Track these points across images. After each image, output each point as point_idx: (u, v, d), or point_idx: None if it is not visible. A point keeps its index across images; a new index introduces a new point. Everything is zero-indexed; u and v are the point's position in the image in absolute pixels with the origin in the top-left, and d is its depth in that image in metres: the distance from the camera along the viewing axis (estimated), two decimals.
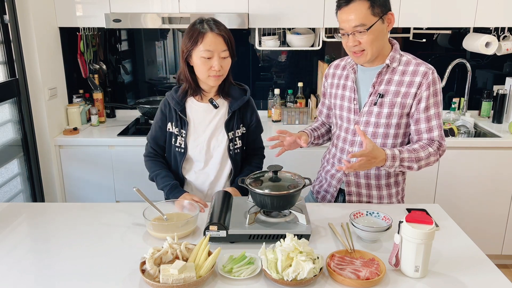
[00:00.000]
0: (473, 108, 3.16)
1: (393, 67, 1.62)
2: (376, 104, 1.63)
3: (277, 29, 2.93)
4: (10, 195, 2.48)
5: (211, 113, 1.75)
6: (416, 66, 1.60)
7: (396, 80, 1.61)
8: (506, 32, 2.85)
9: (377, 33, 1.54)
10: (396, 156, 1.53)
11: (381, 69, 1.62)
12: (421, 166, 1.58)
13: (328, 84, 1.81)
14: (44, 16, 2.60)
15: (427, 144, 1.60)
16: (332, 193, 1.81)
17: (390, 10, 1.57)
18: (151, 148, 1.82)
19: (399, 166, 1.55)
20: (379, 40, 1.56)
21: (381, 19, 1.53)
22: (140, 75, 3.19)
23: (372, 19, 1.51)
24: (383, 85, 1.63)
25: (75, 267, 1.30)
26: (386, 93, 1.62)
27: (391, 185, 1.73)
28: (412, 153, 1.56)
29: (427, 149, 1.58)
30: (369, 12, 1.51)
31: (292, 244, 1.23)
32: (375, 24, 1.52)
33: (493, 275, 1.26)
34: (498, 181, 2.68)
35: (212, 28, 1.60)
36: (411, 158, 1.55)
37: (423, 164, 1.58)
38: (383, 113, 1.63)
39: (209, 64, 1.61)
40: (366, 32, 1.52)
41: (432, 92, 1.58)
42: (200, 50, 1.60)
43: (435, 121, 1.60)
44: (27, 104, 2.53)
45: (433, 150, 1.59)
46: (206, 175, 1.79)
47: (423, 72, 1.58)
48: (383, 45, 1.60)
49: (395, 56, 1.62)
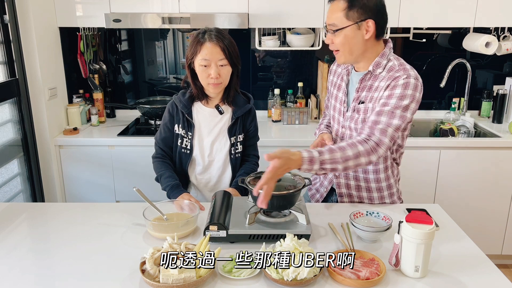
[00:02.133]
0: (473, 108, 3.16)
1: (376, 74, 1.57)
2: (355, 110, 1.62)
3: (277, 29, 2.93)
4: (10, 195, 2.48)
5: (216, 118, 1.81)
6: (396, 72, 1.52)
7: (377, 87, 1.56)
8: (506, 32, 2.85)
9: (348, 38, 1.50)
10: (314, 159, 1.38)
11: (363, 75, 1.60)
12: (348, 166, 1.43)
13: (329, 81, 1.82)
14: (44, 16, 2.60)
15: (359, 142, 1.45)
16: (322, 193, 1.81)
17: (374, 19, 1.48)
18: (160, 149, 1.85)
19: (320, 169, 1.40)
20: (352, 45, 1.52)
21: (356, 25, 1.48)
22: (140, 75, 3.19)
23: (344, 22, 1.48)
24: (365, 92, 1.60)
25: (75, 267, 1.30)
26: (366, 99, 1.59)
27: (382, 188, 1.70)
28: (336, 152, 1.41)
29: (356, 147, 1.43)
30: (343, 14, 1.48)
31: (292, 244, 1.23)
32: (346, 28, 1.49)
33: (493, 275, 1.26)
34: (498, 181, 2.68)
35: (211, 39, 1.67)
36: (334, 159, 1.41)
37: (351, 164, 1.43)
38: (360, 119, 1.61)
39: (207, 72, 1.69)
40: (335, 33, 1.51)
41: (398, 93, 1.48)
42: (199, 58, 1.68)
43: (385, 118, 1.47)
44: (27, 104, 2.53)
45: (364, 149, 1.44)
46: (209, 177, 1.85)
47: (396, 76, 1.51)
48: (362, 51, 1.54)
49: (380, 62, 1.56)
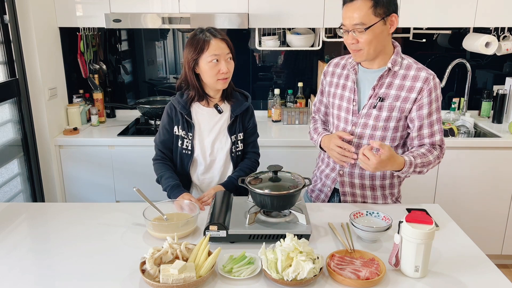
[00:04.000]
0: (473, 108, 3.16)
1: (394, 70, 1.61)
2: (375, 107, 1.63)
3: (277, 29, 2.93)
4: (10, 195, 2.48)
5: (215, 118, 1.81)
6: (417, 71, 1.60)
7: (396, 84, 1.61)
8: (506, 32, 2.85)
9: (376, 34, 1.53)
10: (412, 163, 1.55)
11: (382, 72, 1.62)
12: (428, 169, 1.61)
13: (327, 82, 1.80)
14: (44, 16, 2.60)
15: (432, 148, 1.62)
16: (326, 192, 1.81)
17: (395, 12, 1.55)
18: (160, 151, 1.85)
19: (412, 172, 1.57)
20: (378, 41, 1.55)
21: (383, 20, 1.52)
22: (140, 75, 3.19)
23: (373, 19, 1.51)
24: (384, 89, 1.62)
25: (75, 267, 1.30)
26: (386, 96, 1.61)
27: (385, 186, 1.73)
28: (423, 158, 1.58)
29: (433, 153, 1.61)
30: (371, 11, 1.50)
31: (292, 244, 1.23)
32: (375, 24, 1.51)
33: (493, 275, 1.26)
34: (498, 181, 2.68)
35: (215, 35, 1.70)
36: (423, 163, 1.57)
37: (430, 167, 1.61)
38: (382, 117, 1.62)
39: (217, 68, 1.69)
40: (364, 32, 1.52)
41: (434, 98, 1.59)
42: (207, 56, 1.68)
43: (437, 126, 1.62)
44: (27, 104, 2.53)
45: (437, 153, 1.61)
46: (211, 177, 1.85)
47: (425, 78, 1.57)
48: (384, 46, 1.59)
49: (397, 60, 1.61)
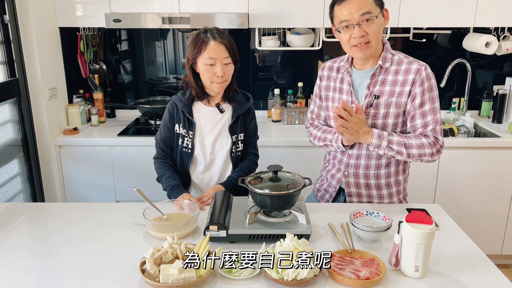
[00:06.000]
0: (473, 108, 3.16)
1: (386, 67, 1.62)
2: (372, 106, 1.63)
3: (277, 29, 2.93)
4: (10, 195, 2.48)
5: (216, 117, 1.81)
6: (409, 64, 1.60)
7: (390, 80, 1.61)
8: (506, 32, 2.85)
9: (379, 26, 1.55)
10: (383, 135, 1.54)
11: (374, 70, 1.62)
12: (412, 154, 1.56)
13: (323, 86, 1.78)
14: (44, 16, 2.60)
15: (421, 135, 1.58)
16: (331, 193, 1.81)
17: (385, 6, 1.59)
18: (160, 149, 1.85)
19: (387, 147, 1.55)
20: (380, 34, 1.57)
21: (381, 12, 1.55)
22: (140, 75, 3.19)
23: (376, 9, 1.53)
24: (378, 86, 1.62)
25: (75, 267, 1.30)
26: (381, 93, 1.62)
27: (391, 184, 1.73)
28: (403, 138, 1.56)
29: (421, 138, 1.57)
30: (373, 2, 1.53)
31: (292, 244, 1.23)
32: (379, 15, 1.54)
33: (493, 275, 1.26)
34: (498, 181, 2.68)
35: (215, 37, 1.68)
36: (401, 142, 1.56)
37: (415, 153, 1.56)
38: (380, 114, 1.62)
39: (212, 71, 1.69)
40: (373, 22, 1.52)
41: (426, 88, 1.57)
42: (204, 57, 1.68)
43: (430, 116, 1.58)
44: (27, 104, 2.53)
45: (427, 141, 1.57)
46: (210, 176, 1.85)
47: (416, 69, 1.58)
48: (380, 42, 1.61)
49: (386, 56, 1.62)
